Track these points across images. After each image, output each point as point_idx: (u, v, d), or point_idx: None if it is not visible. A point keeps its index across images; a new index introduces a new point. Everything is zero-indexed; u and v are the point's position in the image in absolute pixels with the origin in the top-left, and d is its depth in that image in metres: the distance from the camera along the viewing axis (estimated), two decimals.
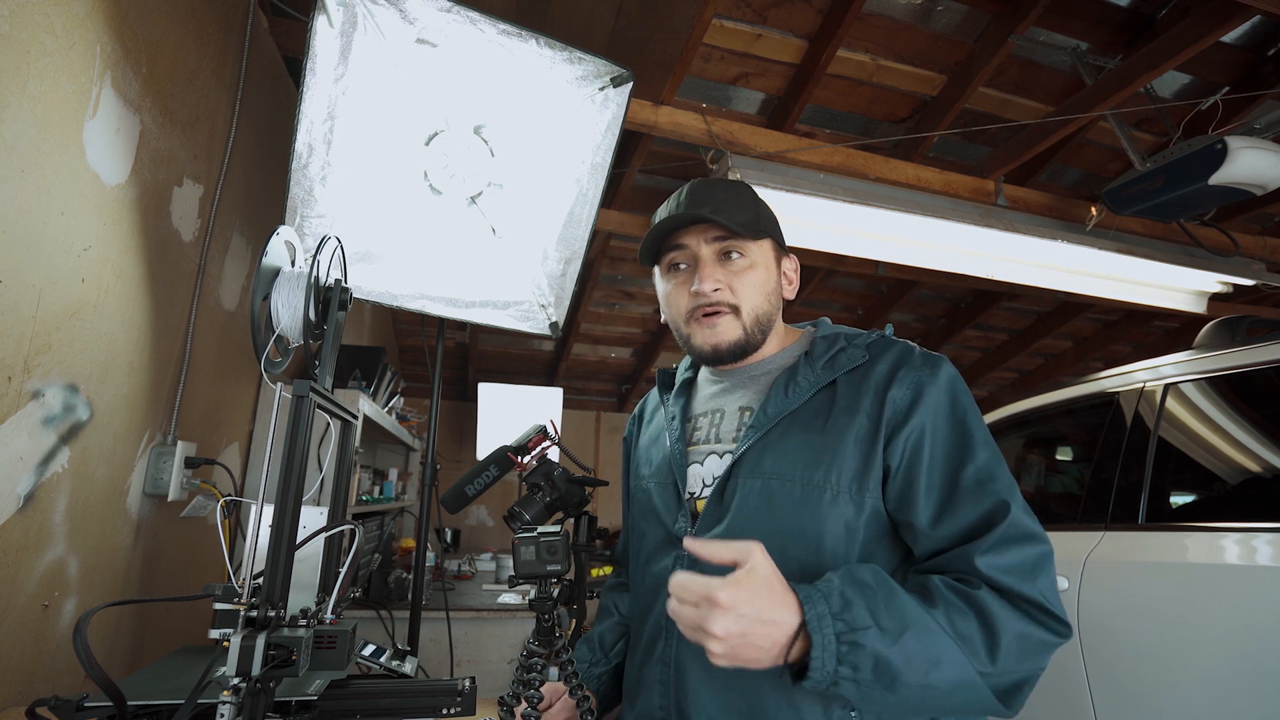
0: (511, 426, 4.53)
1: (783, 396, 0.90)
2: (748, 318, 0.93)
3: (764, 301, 0.94)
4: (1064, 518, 2.11)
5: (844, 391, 0.87)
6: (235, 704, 0.72)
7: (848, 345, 0.92)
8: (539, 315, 1.97)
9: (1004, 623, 0.72)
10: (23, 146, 0.98)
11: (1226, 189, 2.31)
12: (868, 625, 0.69)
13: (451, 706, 0.93)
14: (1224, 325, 1.94)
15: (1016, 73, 2.57)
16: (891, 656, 0.69)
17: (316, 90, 1.41)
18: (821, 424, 0.86)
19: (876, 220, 2.57)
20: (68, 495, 1.15)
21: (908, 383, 0.84)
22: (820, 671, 0.68)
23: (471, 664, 2.58)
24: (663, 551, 0.95)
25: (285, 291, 0.98)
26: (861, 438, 0.83)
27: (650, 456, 1.05)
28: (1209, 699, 1.41)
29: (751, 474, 0.87)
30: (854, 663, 0.68)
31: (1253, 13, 1.93)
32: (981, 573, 0.74)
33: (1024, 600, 0.73)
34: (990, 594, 0.73)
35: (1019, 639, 0.72)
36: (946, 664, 0.70)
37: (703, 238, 0.93)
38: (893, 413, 0.83)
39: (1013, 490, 0.79)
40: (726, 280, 0.92)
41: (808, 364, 0.91)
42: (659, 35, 1.92)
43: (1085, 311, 4.51)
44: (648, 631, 0.95)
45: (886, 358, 0.88)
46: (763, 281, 0.94)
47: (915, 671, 0.69)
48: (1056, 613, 0.74)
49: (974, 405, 0.85)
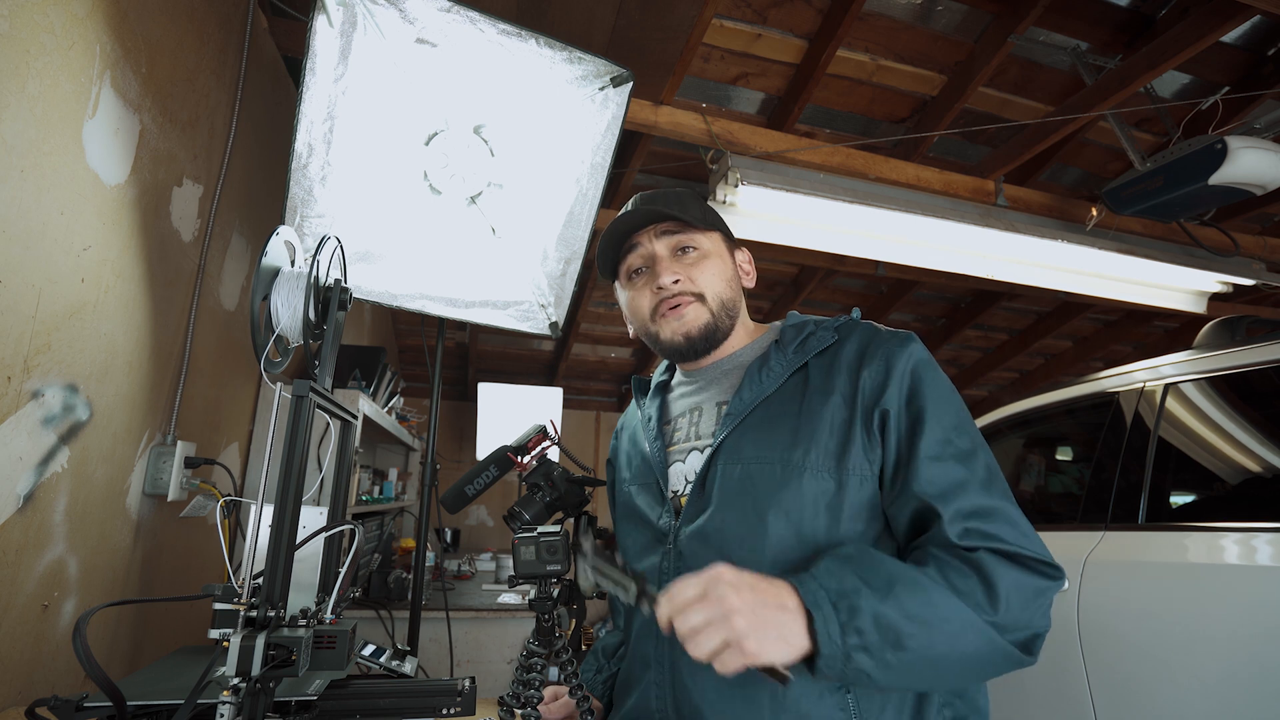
0: (511, 426, 4.53)
1: (757, 383, 0.91)
2: (713, 302, 0.96)
3: (725, 287, 0.97)
4: (1064, 518, 2.11)
5: (816, 373, 0.89)
6: (235, 704, 0.72)
7: (816, 329, 0.94)
8: (539, 315, 1.97)
9: (999, 572, 0.73)
10: (22, 146, 0.98)
11: (1226, 189, 2.31)
12: (858, 588, 0.70)
13: (451, 706, 0.93)
14: (1224, 325, 1.94)
15: (1016, 73, 2.57)
16: (888, 610, 0.69)
17: (316, 90, 1.41)
18: (797, 406, 0.88)
19: (876, 220, 2.57)
20: (67, 495, 1.15)
21: (878, 357, 0.86)
22: (829, 645, 0.68)
23: (471, 664, 2.58)
24: (649, 550, 0.96)
25: (285, 291, 0.98)
26: (837, 416, 0.85)
27: (630, 460, 1.06)
28: (1209, 699, 1.41)
29: (731, 460, 0.88)
30: (858, 628, 0.68)
31: (1253, 13, 1.93)
32: (965, 530, 0.76)
33: (1016, 553, 0.75)
34: (985, 552, 0.75)
35: (1017, 585, 0.74)
36: (944, 611, 0.71)
37: (654, 235, 0.97)
38: (867, 389, 0.85)
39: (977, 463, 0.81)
40: (685, 272, 0.95)
41: (778, 351, 0.93)
42: (659, 35, 1.92)
43: (1085, 311, 4.51)
44: (637, 631, 0.95)
45: (855, 338, 0.91)
46: (720, 269, 0.97)
47: (915, 622, 0.70)
48: (1046, 559, 0.76)
49: (943, 377, 0.87)
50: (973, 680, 0.79)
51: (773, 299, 4.57)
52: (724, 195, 2.39)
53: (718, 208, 2.39)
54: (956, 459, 0.80)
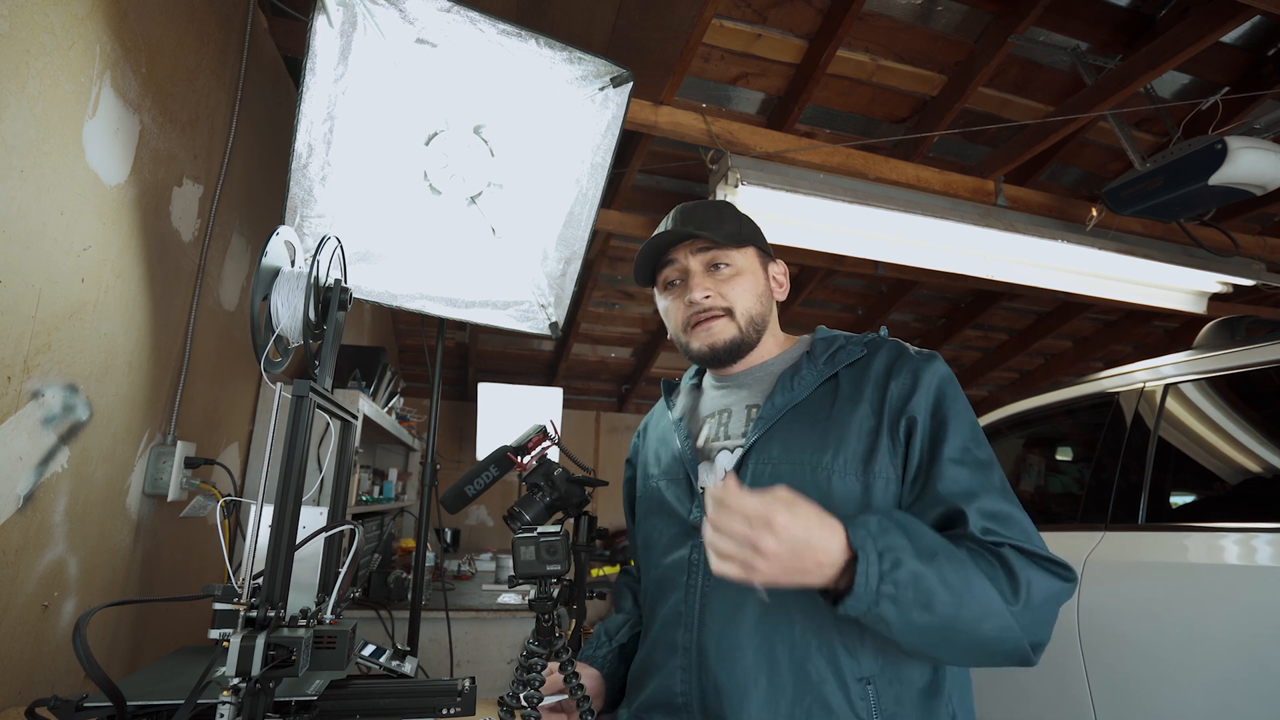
0: (511, 426, 4.53)
1: (789, 390, 0.96)
2: (741, 318, 1.01)
3: (755, 303, 1.02)
4: (1064, 518, 2.11)
5: (846, 384, 0.95)
6: (235, 704, 0.72)
7: (846, 344, 0.99)
8: (539, 315, 1.97)
9: (1021, 565, 0.78)
10: (22, 146, 0.98)
11: (1226, 189, 2.31)
12: (905, 545, 0.74)
13: (451, 706, 0.93)
14: (1224, 325, 1.94)
15: (1016, 73, 2.57)
16: (928, 574, 0.73)
17: (316, 90, 1.41)
18: (826, 412, 0.93)
19: (876, 220, 2.57)
20: (67, 495, 1.15)
21: (907, 371, 0.92)
22: (864, 588, 0.71)
23: (471, 664, 2.58)
24: (678, 543, 0.98)
25: (285, 291, 0.98)
26: (865, 424, 0.90)
27: (659, 456, 1.08)
28: (1209, 699, 1.41)
29: (762, 460, 0.92)
30: (895, 580, 0.72)
31: (1253, 13, 1.93)
32: (987, 528, 0.80)
33: (1035, 554, 0.79)
34: (1009, 548, 0.79)
35: (1037, 582, 0.77)
36: (976, 589, 0.75)
37: (689, 251, 1.02)
38: (894, 398, 0.90)
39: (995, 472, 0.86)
40: (716, 288, 1.00)
41: (810, 361, 0.99)
42: (659, 35, 1.92)
43: (1085, 311, 4.51)
44: (662, 620, 0.96)
45: (884, 353, 0.96)
46: (751, 285, 1.02)
47: (949, 590, 0.73)
48: (1061, 561, 0.80)
49: (964, 397, 0.93)
50: (972, 661, 0.82)
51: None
52: (724, 195, 2.39)
53: None
54: (976, 466, 0.85)
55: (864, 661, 0.83)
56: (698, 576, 0.93)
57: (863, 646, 0.84)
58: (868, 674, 0.83)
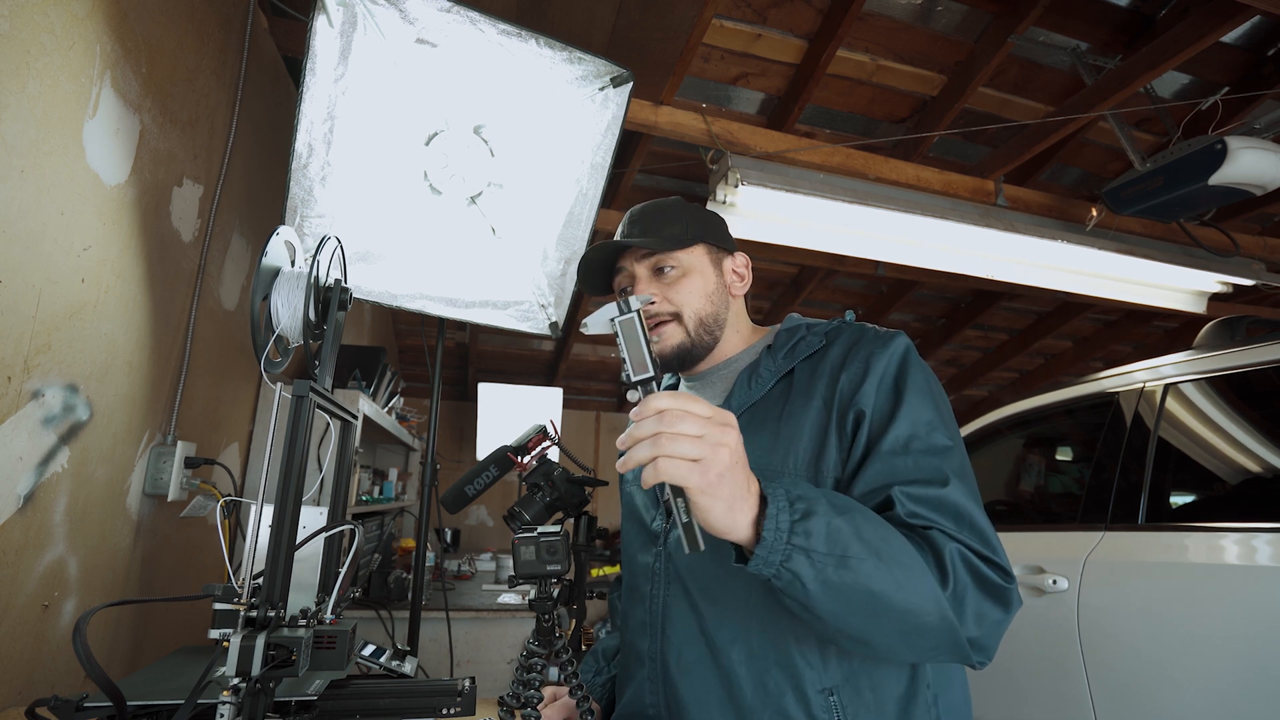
0: (511, 426, 4.53)
1: (746, 389, 0.94)
2: (690, 320, 0.98)
3: (705, 303, 0.99)
4: (1064, 518, 2.11)
5: (800, 378, 0.91)
6: (235, 704, 0.72)
7: (807, 334, 0.95)
8: (539, 315, 1.97)
9: (947, 548, 0.72)
10: (23, 146, 0.98)
11: (1226, 189, 2.31)
12: (819, 498, 0.69)
13: (451, 706, 0.93)
14: (1224, 325, 1.94)
15: (1016, 73, 2.57)
16: (843, 526, 0.67)
17: (316, 90, 1.41)
18: (779, 412, 0.90)
19: (876, 220, 2.57)
20: (67, 495, 1.15)
21: (859, 359, 0.87)
22: (774, 537, 0.65)
23: (471, 664, 2.59)
24: (645, 549, 0.98)
25: (285, 291, 0.98)
26: (816, 421, 0.86)
27: None
28: (1209, 699, 1.41)
29: None
30: (807, 530, 0.66)
31: (1253, 13, 1.93)
32: (914, 511, 0.75)
33: (974, 548, 0.74)
34: (937, 532, 0.74)
35: (971, 592, 0.72)
36: (898, 551, 0.69)
37: (634, 258, 1.00)
38: (845, 391, 0.86)
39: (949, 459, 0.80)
40: (662, 292, 0.98)
41: (769, 356, 0.95)
42: (659, 35, 1.92)
43: (1085, 311, 4.50)
44: (633, 628, 0.97)
45: (841, 340, 0.92)
46: (699, 285, 0.99)
47: (866, 547, 0.67)
48: (1002, 563, 0.75)
49: (926, 375, 0.86)
50: (912, 650, 0.73)
51: (773, 299, 4.57)
52: (724, 195, 2.39)
53: (718, 208, 2.39)
54: (923, 453, 0.79)
55: (827, 673, 0.80)
56: (660, 585, 0.93)
57: (825, 657, 0.81)
58: (830, 685, 0.80)
